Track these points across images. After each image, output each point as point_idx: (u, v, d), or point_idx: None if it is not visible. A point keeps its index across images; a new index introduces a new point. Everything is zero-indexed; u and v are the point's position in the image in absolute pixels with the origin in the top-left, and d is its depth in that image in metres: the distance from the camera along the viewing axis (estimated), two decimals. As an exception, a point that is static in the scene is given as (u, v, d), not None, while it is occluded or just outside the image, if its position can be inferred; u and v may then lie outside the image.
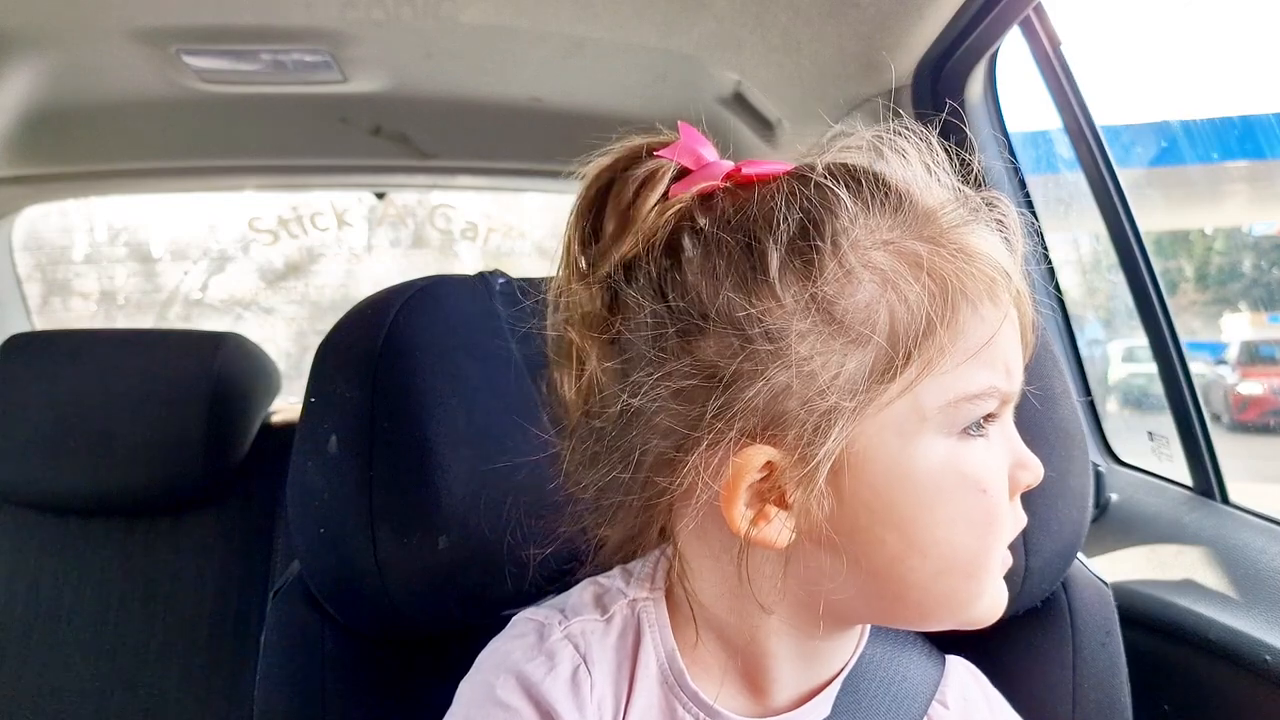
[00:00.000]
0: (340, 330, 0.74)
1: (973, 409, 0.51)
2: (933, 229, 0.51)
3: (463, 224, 4.14)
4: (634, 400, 0.51)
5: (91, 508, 1.48)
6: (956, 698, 0.63)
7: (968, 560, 0.52)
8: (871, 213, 0.50)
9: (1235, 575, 0.90)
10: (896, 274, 0.49)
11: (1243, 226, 2.33)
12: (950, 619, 0.55)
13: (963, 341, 0.50)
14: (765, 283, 0.49)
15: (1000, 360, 0.52)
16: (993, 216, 0.54)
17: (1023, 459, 0.54)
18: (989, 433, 0.52)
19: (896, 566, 0.51)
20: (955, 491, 0.51)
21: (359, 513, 0.69)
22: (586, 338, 0.54)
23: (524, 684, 0.54)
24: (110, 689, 1.42)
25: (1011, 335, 0.53)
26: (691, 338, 0.50)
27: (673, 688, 0.56)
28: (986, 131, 1.29)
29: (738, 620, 0.56)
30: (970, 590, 0.53)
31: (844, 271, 0.49)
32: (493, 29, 1.41)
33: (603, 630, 0.57)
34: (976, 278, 0.50)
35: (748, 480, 0.50)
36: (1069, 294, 1.31)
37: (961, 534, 0.51)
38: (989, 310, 0.51)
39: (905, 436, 0.50)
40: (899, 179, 0.52)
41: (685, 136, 0.55)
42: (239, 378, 1.51)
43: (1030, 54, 1.16)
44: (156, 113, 1.70)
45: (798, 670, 0.57)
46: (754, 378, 0.49)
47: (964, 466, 0.51)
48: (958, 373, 0.50)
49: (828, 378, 0.48)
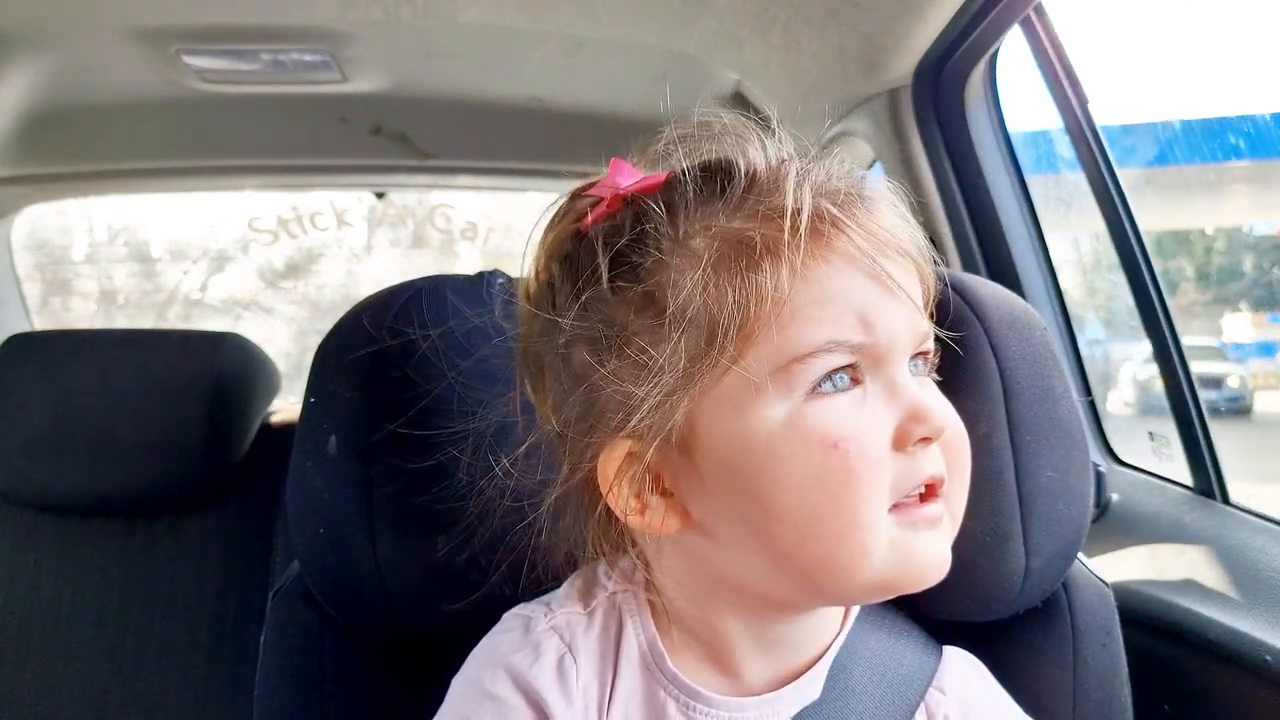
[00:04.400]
0: (340, 330, 0.74)
1: (808, 368, 0.51)
2: (752, 199, 0.52)
3: (463, 224, 4.14)
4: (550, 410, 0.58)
5: (91, 508, 1.48)
6: (955, 685, 0.63)
7: (832, 520, 0.51)
8: (699, 203, 0.53)
9: (1236, 575, 0.89)
10: (712, 256, 0.51)
11: (1243, 226, 2.33)
12: (849, 584, 0.53)
13: (785, 306, 0.50)
14: (600, 286, 0.54)
15: (846, 314, 0.51)
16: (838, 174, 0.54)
17: (916, 410, 0.52)
18: (860, 390, 0.52)
19: (764, 537, 0.53)
20: (799, 453, 0.51)
21: (359, 513, 0.69)
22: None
23: (512, 674, 0.57)
24: (110, 689, 1.42)
25: (862, 287, 0.52)
26: (571, 348, 0.56)
27: (654, 672, 0.58)
28: (986, 131, 1.29)
29: (694, 607, 0.58)
30: (847, 554, 0.51)
31: (667, 265, 0.52)
32: (493, 28, 1.41)
33: (586, 621, 0.60)
34: (797, 237, 0.50)
35: (621, 472, 0.54)
36: (1069, 294, 1.31)
37: (814, 494, 0.51)
38: (819, 268, 0.51)
39: (741, 408, 0.51)
40: (734, 161, 0.54)
41: (610, 170, 0.58)
42: (239, 378, 1.51)
43: (1030, 54, 1.16)
44: (156, 113, 1.70)
45: (763, 653, 0.59)
46: (606, 376, 0.53)
47: (808, 425, 0.51)
48: (784, 335, 0.50)
49: (663, 362, 0.52)
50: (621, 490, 0.54)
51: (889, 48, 1.22)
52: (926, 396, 0.53)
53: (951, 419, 0.55)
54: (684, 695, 0.57)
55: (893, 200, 0.56)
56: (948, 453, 0.55)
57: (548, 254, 0.58)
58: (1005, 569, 0.68)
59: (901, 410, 0.52)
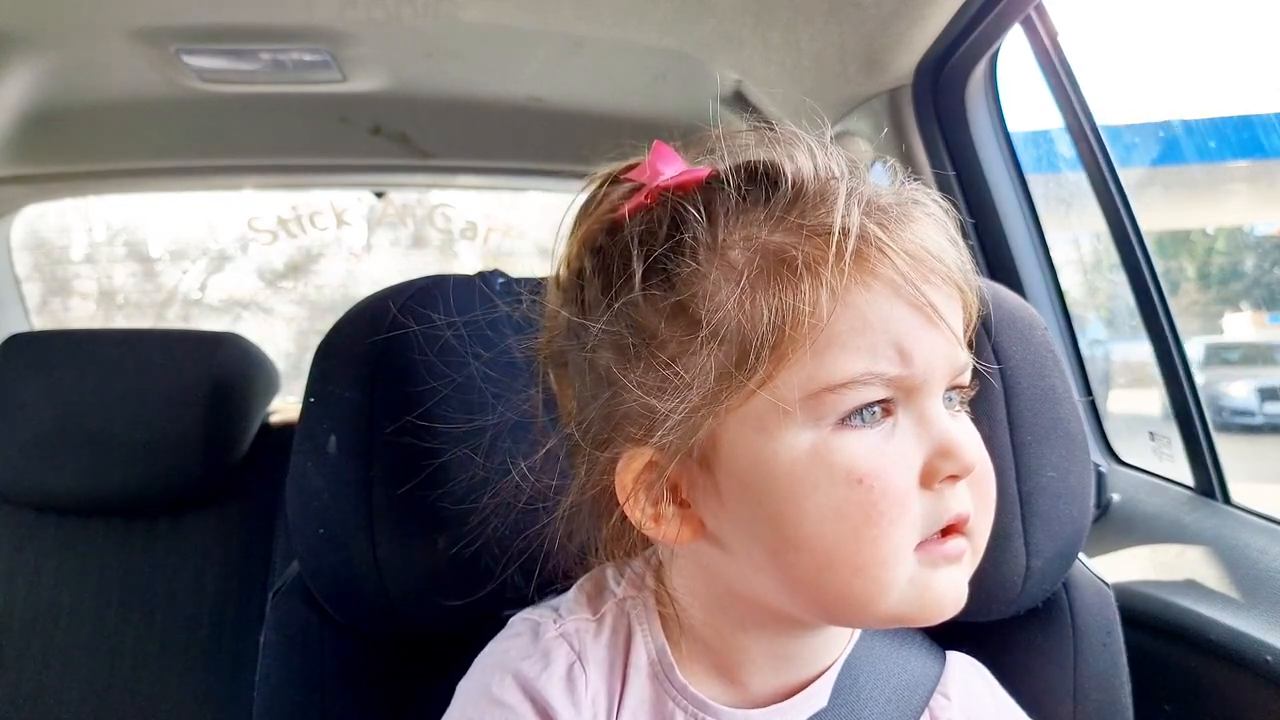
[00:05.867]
0: (340, 330, 0.74)
1: (841, 399, 0.49)
2: (795, 213, 0.50)
3: (462, 224, 4.13)
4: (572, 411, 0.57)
5: (91, 508, 1.48)
6: (959, 690, 0.63)
7: (851, 555, 0.49)
8: (740, 211, 0.51)
9: (1236, 575, 0.89)
10: (752, 271, 0.49)
11: (1244, 226, 2.33)
12: (862, 616, 0.52)
13: (823, 330, 0.48)
14: (632, 292, 0.51)
15: (884, 344, 0.49)
16: (904, 198, 0.52)
17: (945, 447, 0.50)
18: (891, 422, 0.50)
19: (779, 562, 0.52)
20: (821, 484, 0.49)
21: (359, 513, 0.69)
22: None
23: (521, 682, 0.56)
24: (110, 689, 1.42)
25: (903, 316, 0.49)
26: (597, 351, 0.54)
27: (663, 682, 0.58)
28: (987, 131, 1.29)
29: (706, 618, 0.57)
30: (864, 587, 0.50)
31: (703, 275, 0.50)
32: (493, 28, 1.41)
33: (595, 629, 0.59)
34: (841, 260, 0.48)
35: (640, 480, 0.53)
36: (1070, 294, 1.31)
37: (833, 528, 0.49)
38: (860, 293, 0.49)
39: (767, 430, 0.50)
40: (781, 168, 0.52)
41: (652, 154, 0.56)
42: (238, 378, 1.51)
43: (1031, 53, 1.16)
44: (156, 112, 1.70)
45: (772, 666, 0.58)
46: (630, 382, 0.51)
47: (834, 458, 0.49)
48: (819, 362, 0.48)
49: (691, 378, 0.50)
50: (638, 499, 0.53)
51: (889, 47, 1.22)
52: (957, 432, 0.51)
53: (981, 455, 0.53)
54: (693, 706, 0.57)
55: (942, 219, 0.54)
56: (975, 488, 0.53)
57: (580, 242, 0.56)
58: (1006, 569, 0.68)
59: (930, 446, 0.50)
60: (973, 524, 0.52)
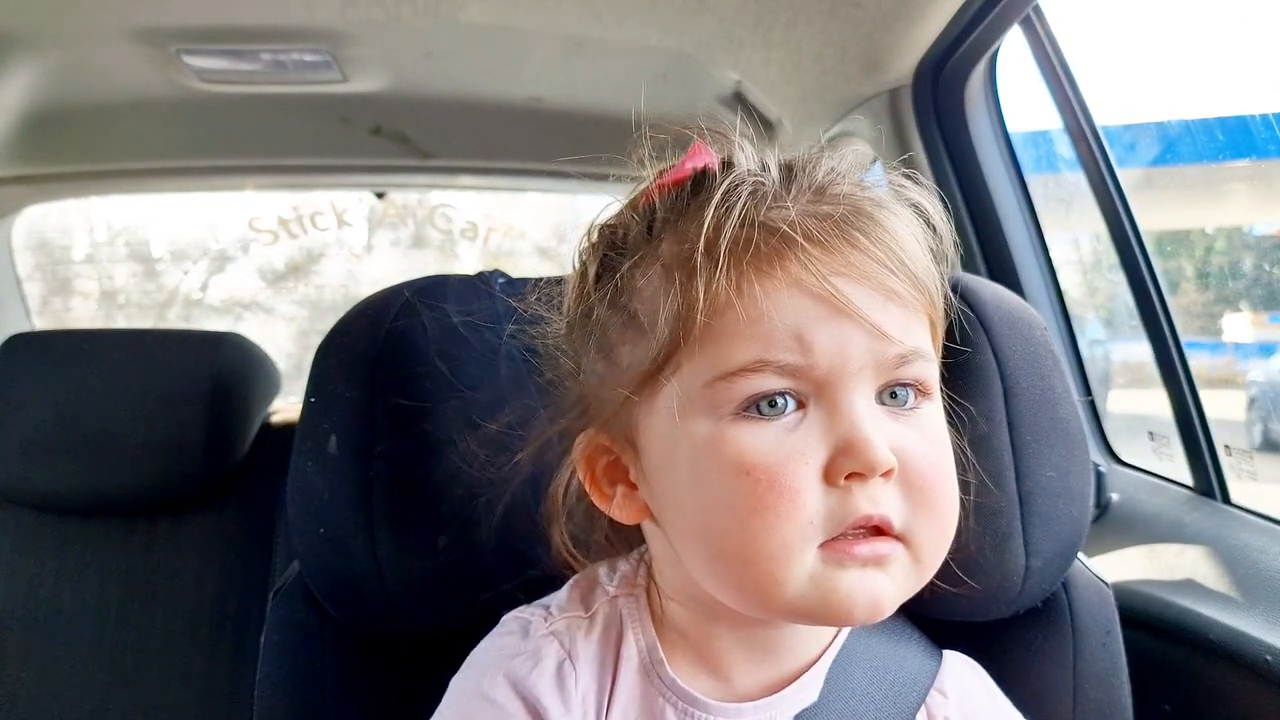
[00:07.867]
0: (340, 330, 0.74)
1: (733, 387, 0.49)
2: (698, 208, 0.52)
3: (463, 224, 4.13)
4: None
5: (91, 508, 1.48)
6: (955, 687, 0.63)
7: (740, 546, 0.49)
8: (675, 208, 0.54)
9: (1236, 575, 0.89)
10: (675, 264, 0.52)
11: (1243, 226, 2.33)
12: (764, 608, 0.52)
13: (717, 322, 0.49)
14: (586, 284, 0.57)
15: (781, 333, 0.49)
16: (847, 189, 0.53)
17: (848, 444, 0.49)
18: (800, 415, 0.50)
19: (685, 549, 0.54)
20: (712, 473, 0.50)
21: (359, 513, 0.69)
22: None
23: (511, 679, 0.56)
24: (110, 689, 1.42)
25: (804, 306, 0.49)
26: (569, 341, 0.59)
27: (652, 678, 0.58)
28: (986, 131, 1.29)
29: (685, 609, 0.59)
30: (756, 580, 0.50)
31: (636, 269, 0.54)
32: (493, 28, 1.41)
33: (586, 626, 0.59)
34: (761, 252, 0.49)
35: (592, 460, 0.57)
36: (1069, 294, 1.31)
37: (722, 518, 0.50)
38: (756, 285, 0.49)
39: (674, 419, 0.52)
40: (710, 168, 0.55)
41: (691, 152, 0.57)
42: (239, 378, 1.51)
43: (1030, 53, 1.16)
44: (156, 113, 1.70)
45: (750, 658, 0.58)
46: (580, 368, 0.57)
47: (726, 448, 0.49)
48: (715, 351, 0.50)
49: (623, 365, 0.54)
50: (594, 479, 0.58)
51: (889, 48, 1.22)
52: (865, 429, 0.49)
53: (911, 457, 0.51)
54: (682, 702, 0.57)
55: (909, 219, 0.54)
56: (911, 492, 0.51)
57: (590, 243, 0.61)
58: (1005, 569, 0.68)
59: (834, 442, 0.49)
60: (907, 529, 0.51)
